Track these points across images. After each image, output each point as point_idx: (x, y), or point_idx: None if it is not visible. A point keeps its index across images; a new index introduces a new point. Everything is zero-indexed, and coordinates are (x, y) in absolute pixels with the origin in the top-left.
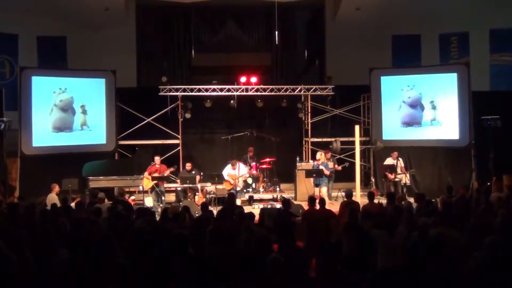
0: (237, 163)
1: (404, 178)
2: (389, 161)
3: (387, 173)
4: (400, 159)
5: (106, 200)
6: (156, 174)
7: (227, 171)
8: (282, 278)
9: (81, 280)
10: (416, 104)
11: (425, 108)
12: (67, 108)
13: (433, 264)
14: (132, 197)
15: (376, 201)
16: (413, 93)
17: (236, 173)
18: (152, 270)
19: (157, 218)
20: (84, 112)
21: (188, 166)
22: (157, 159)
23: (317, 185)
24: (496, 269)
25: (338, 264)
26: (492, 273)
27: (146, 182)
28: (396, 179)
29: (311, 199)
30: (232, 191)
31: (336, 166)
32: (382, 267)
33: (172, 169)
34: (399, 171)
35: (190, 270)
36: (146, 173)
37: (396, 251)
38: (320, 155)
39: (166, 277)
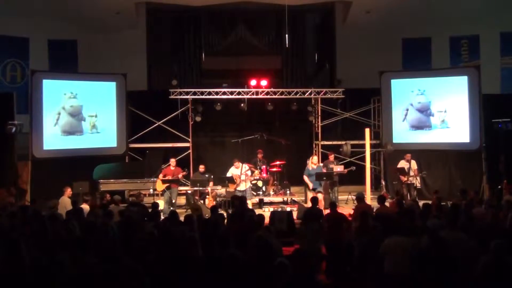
0: (240, 163)
1: (415, 181)
2: (402, 163)
3: (400, 175)
4: (413, 161)
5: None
6: (169, 177)
7: (231, 171)
8: (288, 283)
9: (90, 283)
10: (425, 110)
11: (434, 112)
12: (76, 114)
13: (440, 268)
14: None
15: (387, 204)
16: (423, 98)
17: (239, 173)
18: (162, 272)
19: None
20: (94, 117)
21: (202, 168)
22: (173, 161)
23: (314, 189)
24: (502, 273)
25: (348, 266)
26: (497, 277)
27: (158, 184)
28: (409, 182)
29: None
30: (236, 191)
31: (347, 169)
32: (389, 271)
33: (184, 173)
34: (411, 173)
35: (200, 272)
36: (160, 175)
37: (404, 256)
38: (312, 158)
39: (175, 280)
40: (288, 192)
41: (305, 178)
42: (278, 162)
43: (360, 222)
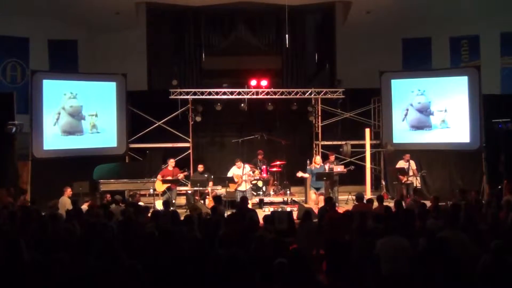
0: (242, 163)
1: (415, 181)
2: (401, 163)
3: (399, 175)
4: (411, 161)
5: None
6: (169, 177)
7: (232, 171)
8: (288, 283)
9: (90, 283)
10: (425, 110)
11: (434, 112)
12: (75, 115)
13: (439, 268)
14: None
15: (386, 204)
16: (423, 99)
17: (241, 173)
18: (163, 272)
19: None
20: (94, 117)
21: (200, 167)
22: (172, 161)
23: (318, 189)
24: (502, 273)
25: (348, 266)
26: (497, 277)
27: (159, 185)
28: (408, 182)
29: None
30: (237, 191)
31: (346, 169)
32: (386, 272)
33: (185, 173)
34: (410, 173)
35: (200, 272)
36: (159, 176)
37: (399, 256)
38: (315, 158)
39: (176, 280)
40: (288, 192)
41: (305, 174)
42: (278, 162)
43: (359, 223)
